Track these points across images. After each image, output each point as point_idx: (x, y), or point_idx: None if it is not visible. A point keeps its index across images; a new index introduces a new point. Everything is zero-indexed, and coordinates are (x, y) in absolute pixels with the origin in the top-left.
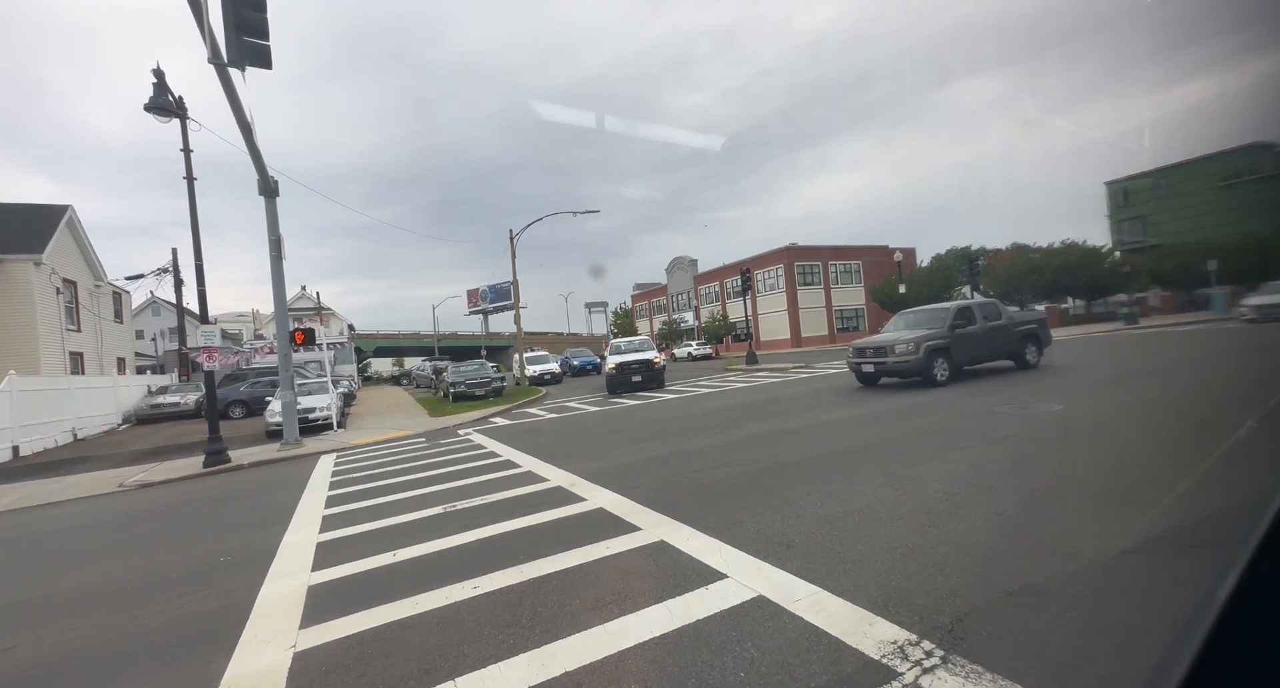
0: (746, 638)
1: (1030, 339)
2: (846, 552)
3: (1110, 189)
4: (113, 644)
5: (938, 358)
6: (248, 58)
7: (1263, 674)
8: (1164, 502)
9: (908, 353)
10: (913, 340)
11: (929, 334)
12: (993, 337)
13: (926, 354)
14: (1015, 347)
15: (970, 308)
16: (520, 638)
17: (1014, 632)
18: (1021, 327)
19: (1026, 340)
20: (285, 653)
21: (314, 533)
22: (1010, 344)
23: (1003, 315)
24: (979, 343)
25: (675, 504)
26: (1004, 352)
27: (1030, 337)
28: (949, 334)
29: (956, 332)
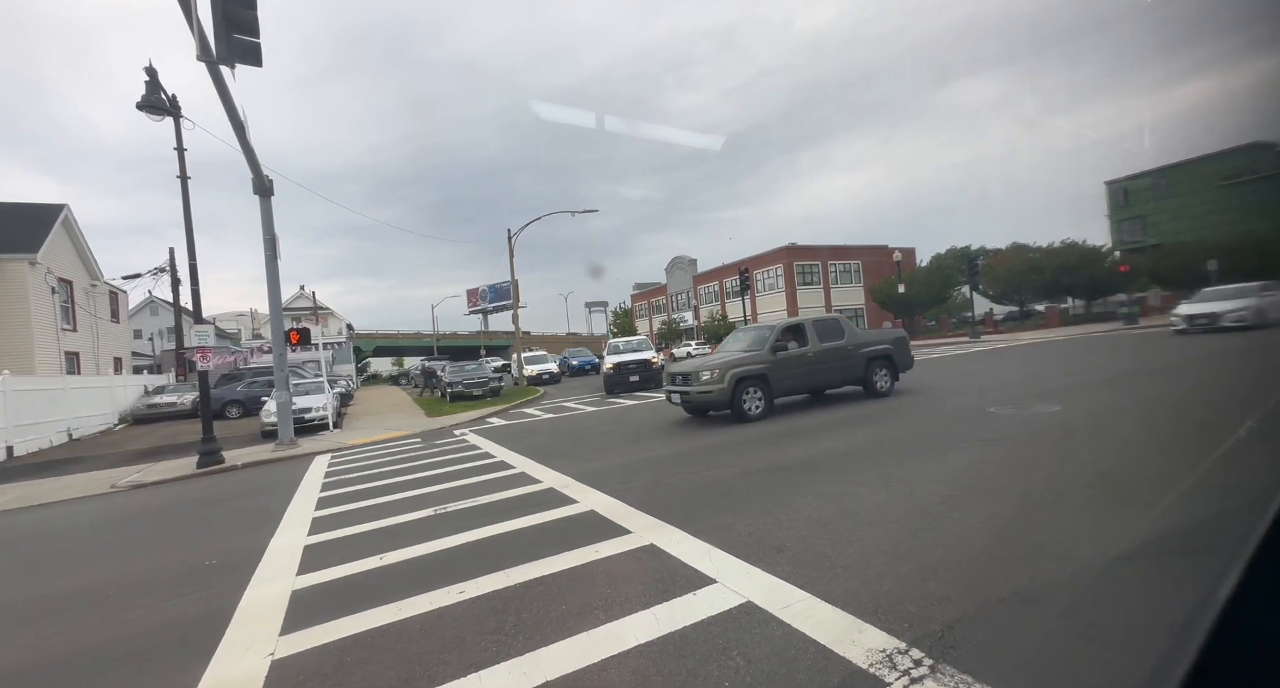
0: (733, 646)
1: (880, 363)
2: (838, 556)
3: (1110, 189)
4: (89, 650)
5: (749, 388)
6: (238, 55)
7: (1263, 675)
8: (1161, 504)
9: (711, 383)
10: (718, 367)
11: (741, 359)
12: (829, 360)
13: (733, 384)
14: (861, 371)
15: (801, 326)
16: (503, 646)
17: (1005, 640)
18: (869, 348)
19: (876, 364)
20: (263, 661)
21: (302, 536)
22: (855, 369)
23: (845, 334)
24: (810, 368)
25: (667, 507)
26: (847, 377)
27: (880, 360)
28: (768, 359)
29: (778, 355)
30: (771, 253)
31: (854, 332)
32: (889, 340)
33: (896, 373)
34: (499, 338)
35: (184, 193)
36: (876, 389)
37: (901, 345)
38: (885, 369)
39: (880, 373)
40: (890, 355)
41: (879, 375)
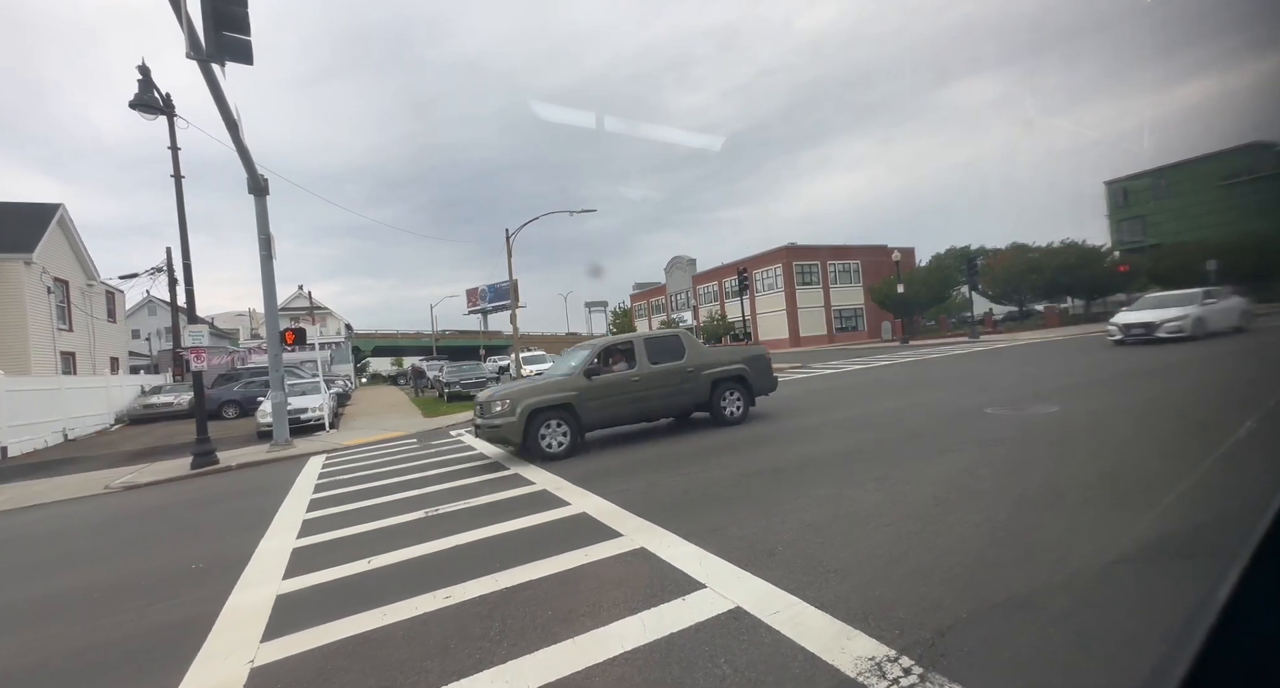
0: (720, 654)
1: (730, 386)
2: (830, 560)
3: (1110, 189)
4: (65, 658)
5: (550, 421)
6: (228, 53)
7: (1263, 675)
8: (1158, 507)
9: (502, 415)
10: (510, 397)
11: (543, 385)
12: (662, 385)
13: (525, 417)
14: (705, 396)
15: (630, 345)
16: (487, 653)
17: (997, 647)
18: (716, 369)
19: (724, 388)
20: (242, 668)
21: (291, 539)
22: (697, 394)
23: (684, 353)
24: (637, 395)
25: (660, 509)
26: (687, 403)
27: (729, 383)
28: (578, 386)
29: (594, 380)
30: (770, 253)
31: (698, 350)
32: (742, 360)
33: (751, 397)
34: (499, 338)
35: (178, 192)
36: (725, 416)
37: (759, 365)
38: (736, 393)
39: (729, 398)
40: (743, 377)
41: (728, 401)
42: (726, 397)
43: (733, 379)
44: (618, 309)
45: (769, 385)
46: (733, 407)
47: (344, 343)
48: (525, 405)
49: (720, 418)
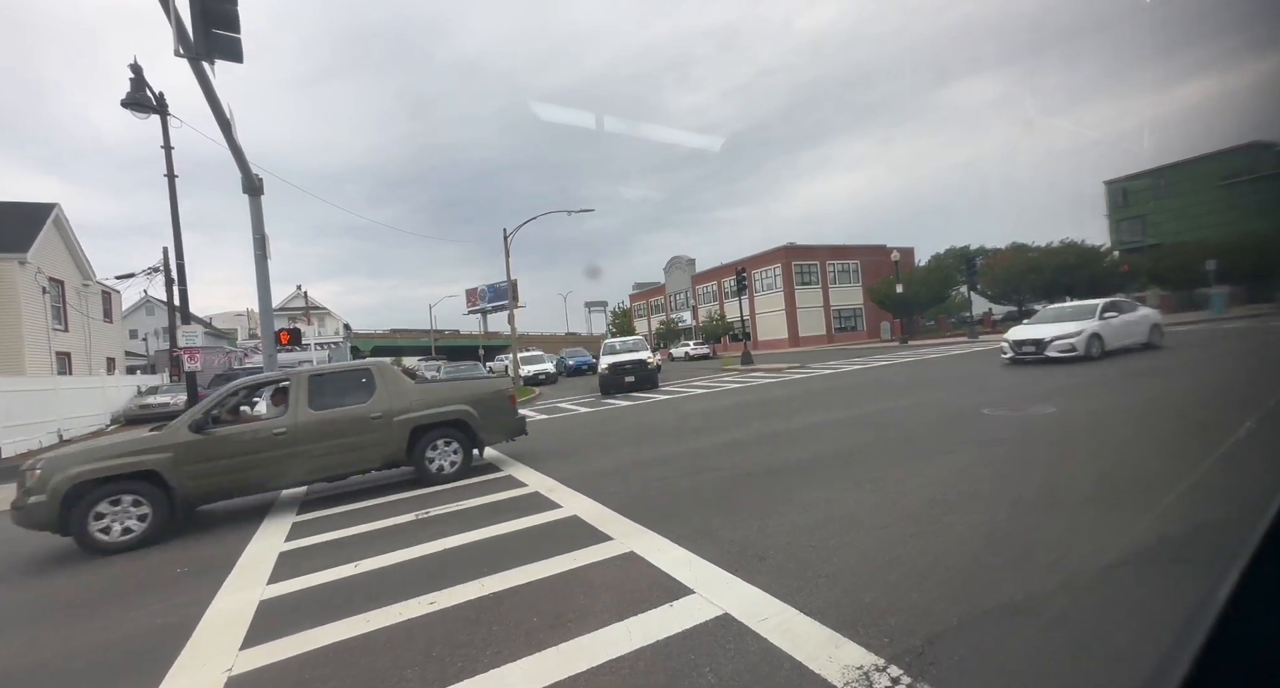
0: (705, 662)
1: (441, 433)
2: (822, 564)
3: (1110, 189)
4: (40, 666)
5: (116, 497)
6: (217, 50)
7: (1263, 676)
8: (1157, 509)
9: (34, 491)
10: (46, 464)
11: (122, 444)
12: (328, 438)
13: (60, 498)
14: (398, 447)
15: (284, 384)
16: (470, 661)
17: (988, 655)
18: (421, 412)
19: (433, 436)
20: (219, 677)
21: (279, 541)
22: (387, 445)
23: (374, 392)
24: (280, 454)
25: (652, 512)
26: (371, 458)
27: (441, 429)
28: (177, 442)
29: (206, 434)
30: (770, 253)
31: (396, 389)
32: (466, 399)
33: (477, 444)
34: (498, 338)
35: (171, 191)
36: (430, 472)
37: (492, 405)
38: (453, 443)
39: (441, 448)
40: (462, 422)
41: (438, 452)
42: (437, 447)
43: (447, 425)
44: (617, 309)
45: (509, 428)
46: (446, 459)
47: (342, 343)
48: (64, 479)
49: (425, 474)
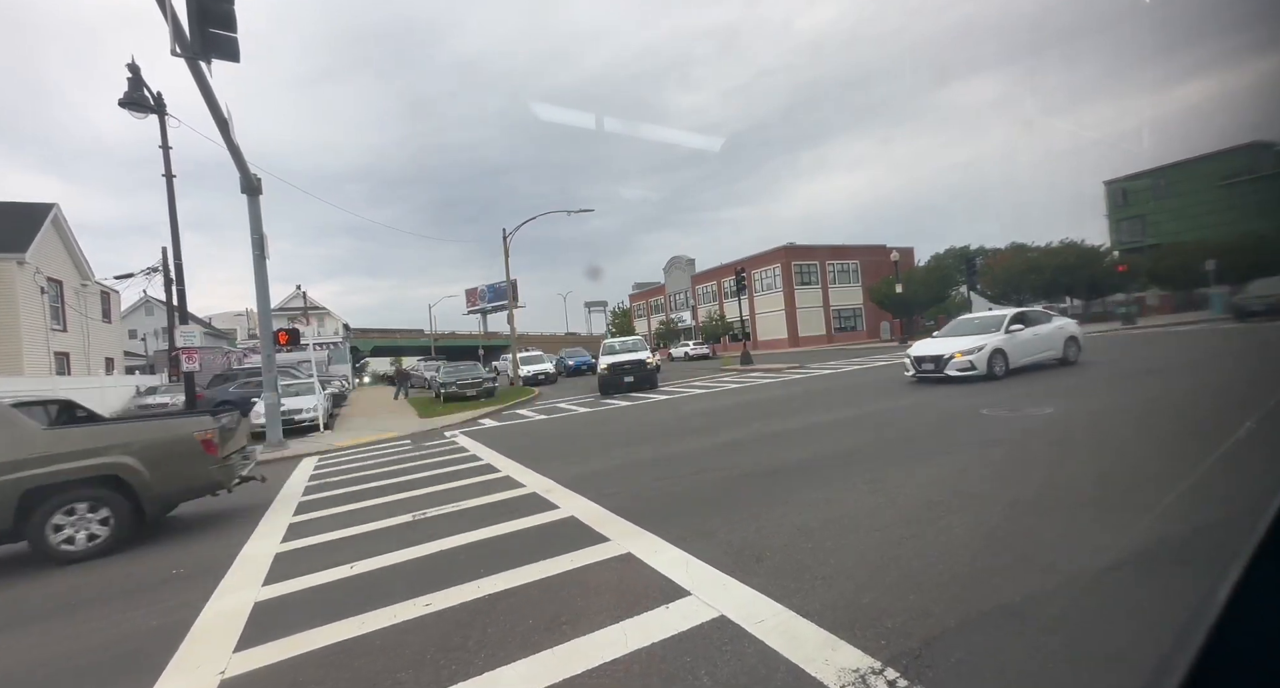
0: (700, 665)
1: (95, 493)
2: (819, 566)
3: (1109, 189)
4: (34, 668)
5: None
6: (214, 50)
7: (1263, 675)
8: (1155, 510)
9: None
10: None
11: None
12: None
13: None
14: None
15: None
16: (464, 664)
17: (985, 658)
18: (48, 469)
19: (71, 496)
20: (213, 679)
21: (276, 543)
22: None
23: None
24: None
25: (649, 513)
26: None
27: (91, 487)
28: None
29: None
30: (769, 253)
31: (22, 434)
32: (128, 447)
33: (145, 508)
34: (497, 338)
35: (169, 191)
36: (57, 551)
37: (169, 452)
38: (101, 507)
39: (82, 516)
40: (116, 478)
41: (74, 522)
42: (74, 511)
43: (88, 483)
44: (617, 309)
45: (199, 483)
46: (83, 531)
47: (342, 343)
48: None
49: (48, 551)
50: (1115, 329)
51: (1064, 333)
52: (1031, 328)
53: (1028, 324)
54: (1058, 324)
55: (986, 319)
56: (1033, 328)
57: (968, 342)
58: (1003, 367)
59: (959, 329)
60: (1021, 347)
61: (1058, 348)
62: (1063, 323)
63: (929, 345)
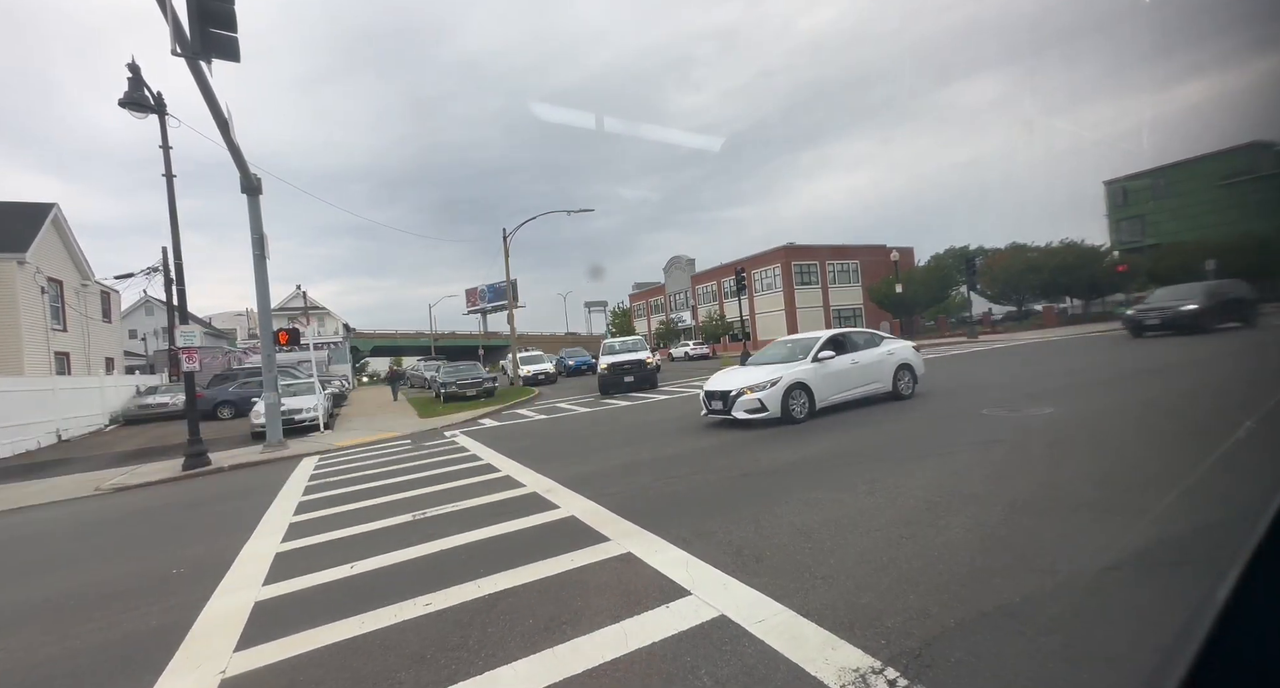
0: (701, 664)
1: None
2: (818, 566)
3: (1109, 189)
4: (32, 668)
5: None
6: (214, 49)
7: (1263, 675)
8: (1154, 511)
9: None
10: None
11: None
12: None
13: None
14: None
15: None
16: (464, 663)
17: (984, 658)
18: None
19: None
20: (213, 679)
21: (276, 542)
22: None
23: None
24: None
25: (649, 513)
26: None
27: None
28: None
29: None
30: (769, 253)
31: None
32: None
33: None
34: (497, 338)
35: (169, 191)
36: None
37: None
38: None
39: None
40: None
41: None
42: None
43: None
44: (617, 309)
45: None
46: None
47: (342, 343)
48: None
49: None
50: (1115, 329)
51: (894, 360)
52: (850, 354)
53: (844, 350)
54: (887, 349)
55: (798, 343)
56: (852, 354)
57: (761, 373)
58: (804, 407)
59: (765, 356)
60: (833, 380)
61: (884, 379)
62: (894, 347)
63: (723, 378)
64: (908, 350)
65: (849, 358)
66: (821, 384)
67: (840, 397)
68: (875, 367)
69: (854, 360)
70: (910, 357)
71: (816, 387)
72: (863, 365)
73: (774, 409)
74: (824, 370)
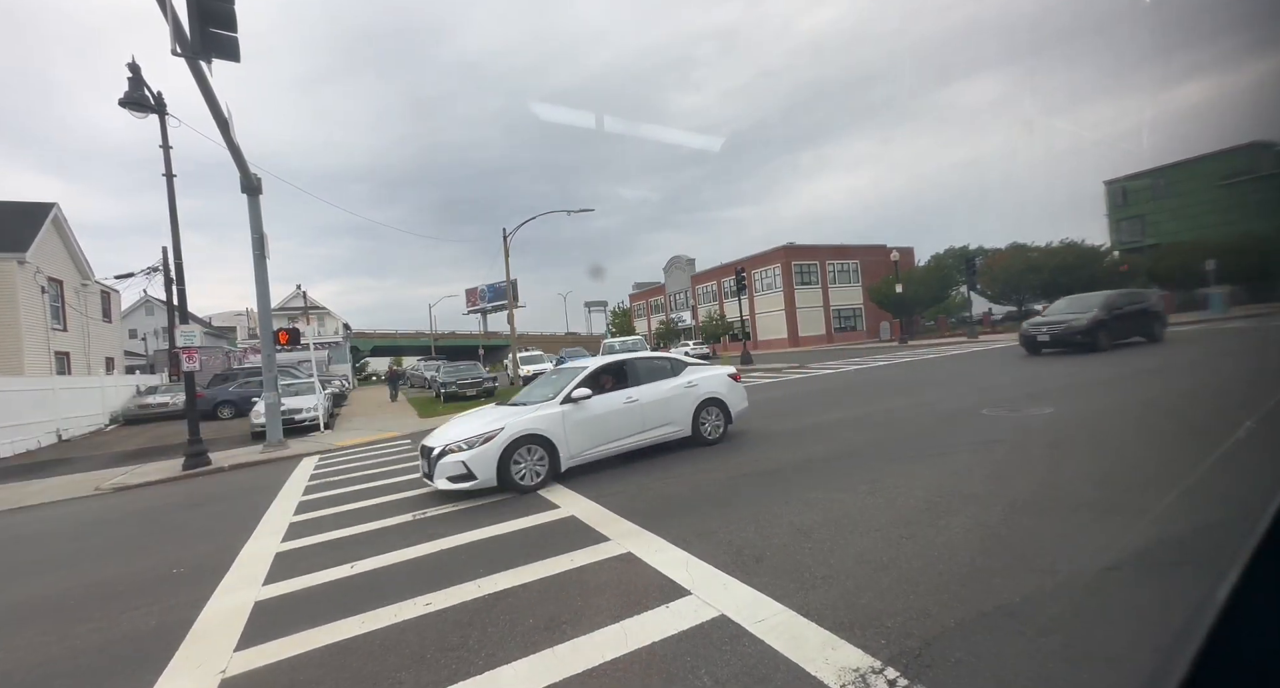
0: (701, 664)
1: None
2: (818, 566)
3: (1109, 189)
4: (31, 669)
5: None
6: (214, 49)
7: (1263, 675)
8: (1154, 511)
9: None
10: None
11: None
12: None
13: None
14: None
15: None
16: (464, 663)
17: (984, 658)
18: None
19: None
20: (213, 679)
21: (276, 542)
22: None
23: None
24: None
25: (649, 512)
26: None
27: None
28: None
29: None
30: (769, 253)
31: None
32: None
33: None
34: (497, 338)
35: (170, 191)
36: None
37: None
38: None
39: None
40: None
41: None
42: None
43: None
44: (617, 309)
45: None
46: None
47: (342, 343)
48: None
49: None
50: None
51: (695, 394)
52: (626, 390)
53: (622, 383)
54: (686, 380)
55: (563, 374)
56: (628, 390)
57: (483, 422)
58: (540, 469)
59: (531, 393)
60: (591, 426)
61: (680, 420)
62: (699, 376)
63: (448, 428)
64: (717, 381)
65: (621, 395)
66: (572, 434)
67: (606, 449)
68: (664, 404)
69: (630, 398)
70: (719, 388)
71: (563, 438)
72: (645, 404)
73: (485, 476)
74: (578, 415)
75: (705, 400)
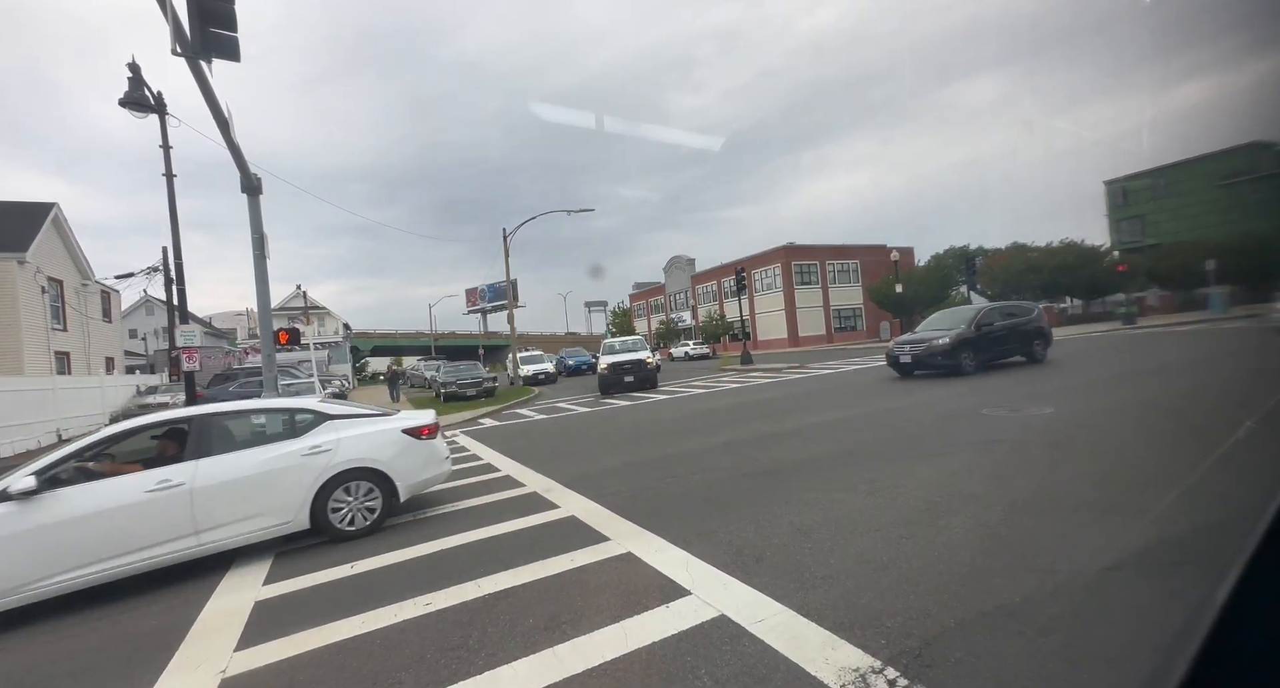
0: (701, 664)
1: None
2: (818, 566)
3: (1109, 189)
4: (34, 669)
5: None
6: (214, 49)
7: (1263, 676)
8: (1154, 511)
9: None
10: None
11: None
12: None
13: None
14: None
15: None
16: (464, 663)
17: (984, 658)
18: None
19: None
20: (213, 679)
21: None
22: None
23: None
24: None
25: (650, 512)
26: None
27: None
28: None
29: None
30: (769, 252)
31: None
32: None
33: None
34: (497, 338)
35: (170, 191)
36: None
37: None
38: None
39: None
40: None
41: None
42: None
43: None
44: (617, 309)
45: None
46: None
47: (342, 343)
48: None
49: None
50: (1116, 329)
51: (322, 465)
52: (175, 467)
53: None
54: (314, 442)
55: None
56: (178, 467)
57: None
58: None
59: None
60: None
61: (284, 507)
62: (344, 435)
63: None
64: (377, 440)
65: (152, 477)
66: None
67: (92, 573)
68: (250, 486)
69: (166, 481)
70: (379, 452)
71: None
72: (203, 488)
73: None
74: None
75: (343, 472)
